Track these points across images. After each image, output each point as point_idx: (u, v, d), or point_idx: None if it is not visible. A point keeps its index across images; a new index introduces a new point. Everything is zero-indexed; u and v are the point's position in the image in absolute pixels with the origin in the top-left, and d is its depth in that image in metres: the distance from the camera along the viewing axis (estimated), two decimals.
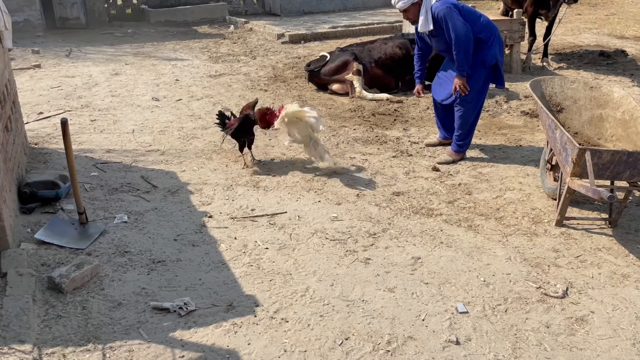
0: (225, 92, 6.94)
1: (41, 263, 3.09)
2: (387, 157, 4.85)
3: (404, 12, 4.54)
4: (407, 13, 4.53)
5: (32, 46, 9.40)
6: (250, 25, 11.70)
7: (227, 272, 3.15)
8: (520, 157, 4.80)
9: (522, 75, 7.45)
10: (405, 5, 4.46)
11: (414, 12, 4.49)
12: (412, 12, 4.50)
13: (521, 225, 3.67)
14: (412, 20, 4.57)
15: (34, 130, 5.37)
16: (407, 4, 4.44)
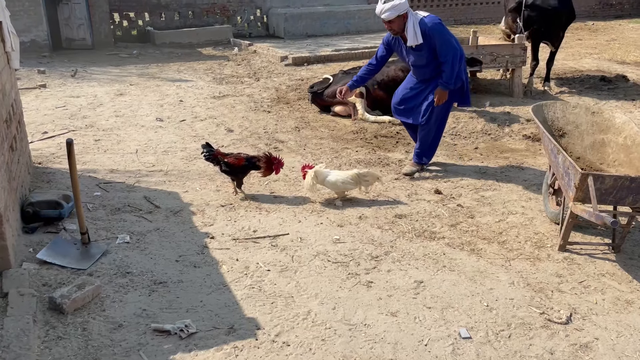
0: (228, 113, 6.99)
1: (42, 283, 3.08)
2: (390, 180, 4.86)
3: (389, 23, 4.52)
4: (392, 24, 4.52)
5: (38, 66, 9.51)
6: (254, 48, 11.84)
7: (228, 294, 3.13)
8: (523, 181, 4.81)
9: (524, 99, 7.50)
10: (391, 17, 4.44)
11: (399, 24, 4.51)
12: (397, 24, 4.51)
13: (524, 249, 3.66)
14: (396, 32, 4.58)
15: (38, 150, 5.40)
16: (393, 15, 4.44)
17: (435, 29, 4.46)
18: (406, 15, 4.47)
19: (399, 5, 4.39)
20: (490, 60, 7.27)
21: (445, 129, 6.15)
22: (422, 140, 4.90)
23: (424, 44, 4.50)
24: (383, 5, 4.43)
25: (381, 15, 4.46)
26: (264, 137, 6.06)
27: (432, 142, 4.90)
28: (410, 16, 4.47)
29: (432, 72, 4.71)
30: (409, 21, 4.46)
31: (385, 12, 4.43)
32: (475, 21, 16.88)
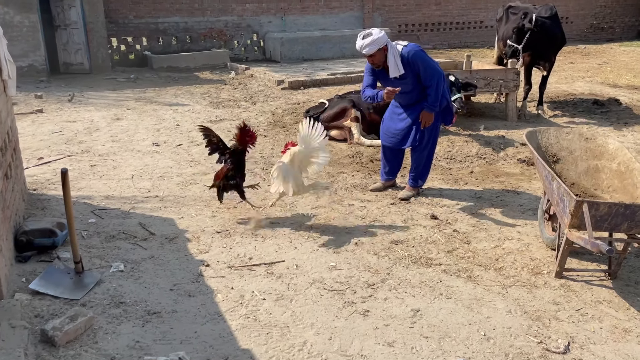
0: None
1: (35, 314, 3.04)
2: (386, 204, 4.86)
3: (370, 57, 4.62)
4: (373, 58, 4.61)
5: (36, 91, 9.55)
6: (251, 72, 11.95)
7: (223, 324, 3.10)
8: (518, 206, 4.82)
9: (518, 123, 7.57)
10: (372, 51, 4.53)
11: (380, 57, 4.60)
12: (378, 57, 4.60)
13: (521, 276, 3.64)
14: (377, 65, 4.67)
15: (33, 176, 5.39)
16: (373, 50, 4.52)
17: (417, 56, 4.58)
18: (386, 48, 4.58)
19: (378, 39, 4.49)
20: (484, 84, 7.35)
21: (441, 153, 6.20)
22: (416, 164, 4.96)
23: (407, 72, 4.61)
24: (363, 41, 4.53)
25: (362, 50, 4.56)
26: (260, 161, 6.07)
27: (425, 164, 4.97)
28: (390, 48, 4.58)
29: (417, 96, 4.79)
30: (390, 53, 4.57)
31: (365, 47, 4.52)
32: (469, 45, 17.10)
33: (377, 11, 16.20)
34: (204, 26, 14.30)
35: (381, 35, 4.51)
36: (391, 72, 4.61)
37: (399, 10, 16.58)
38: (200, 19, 14.25)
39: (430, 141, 4.89)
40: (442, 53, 15.02)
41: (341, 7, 15.64)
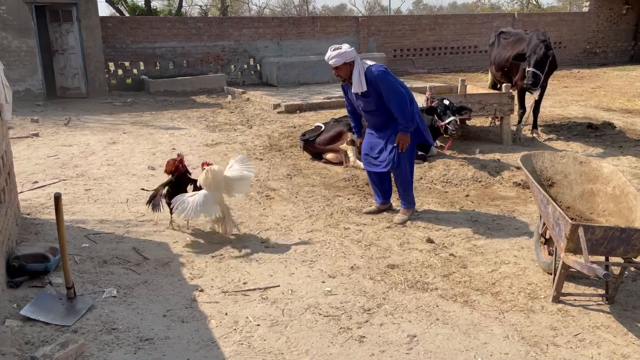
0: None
1: (25, 341, 2.98)
2: (382, 228, 4.84)
3: (336, 69, 4.74)
4: (339, 70, 4.73)
5: (32, 115, 9.58)
6: (248, 96, 12.04)
7: (216, 351, 3.05)
8: (514, 229, 4.81)
9: (513, 147, 7.60)
10: (338, 63, 4.66)
11: (345, 70, 4.71)
12: (343, 71, 4.71)
13: (517, 301, 3.61)
14: (342, 78, 4.79)
15: (27, 200, 5.36)
16: (339, 62, 4.65)
17: (380, 76, 4.68)
18: (352, 64, 4.69)
19: (345, 53, 4.63)
20: (478, 108, 7.41)
21: (436, 176, 6.21)
22: (402, 186, 5.02)
23: (370, 91, 4.72)
24: (331, 52, 4.68)
25: (329, 61, 4.70)
26: (255, 184, 6.06)
27: (407, 185, 5.04)
28: (357, 65, 4.69)
29: (383, 118, 4.87)
30: (355, 69, 4.68)
31: (332, 58, 4.66)
32: (464, 69, 17.31)
33: (373, 36, 16.42)
34: (201, 51, 14.45)
35: (350, 50, 4.66)
36: (354, 88, 4.73)
37: (394, 36, 16.82)
38: (197, 44, 14.41)
39: (408, 161, 4.97)
40: (437, 77, 15.19)
41: (337, 32, 15.86)
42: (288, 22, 15.84)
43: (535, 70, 7.36)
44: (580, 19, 19.81)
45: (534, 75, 7.36)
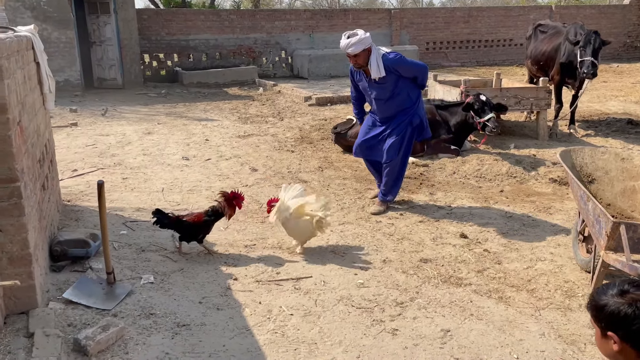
0: (253, 152, 7.08)
1: (68, 323, 3.09)
2: (414, 222, 4.82)
3: (354, 57, 4.65)
4: (357, 58, 4.65)
5: (71, 105, 9.83)
6: (279, 88, 12.09)
7: (251, 338, 3.10)
8: (551, 226, 4.71)
9: (550, 142, 7.45)
10: (357, 50, 4.57)
11: (364, 57, 4.64)
12: (362, 58, 4.64)
13: (554, 298, 3.55)
14: (360, 65, 4.71)
15: (67, 187, 5.52)
16: (359, 49, 4.57)
17: (398, 60, 4.68)
18: (370, 50, 4.63)
19: (364, 39, 4.56)
20: (514, 102, 7.27)
21: (470, 171, 6.14)
22: (387, 178, 5.01)
23: (387, 77, 4.68)
24: (348, 40, 4.58)
25: (347, 49, 4.60)
26: (287, 176, 6.10)
27: (396, 179, 5.03)
28: (374, 50, 4.64)
29: (395, 107, 4.85)
30: (373, 55, 4.63)
31: (351, 46, 4.56)
32: (498, 63, 16.98)
33: (405, 29, 16.25)
34: (233, 43, 14.56)
35: (366, 36, 4.59)
36: (373, 73, 4.67)
37: (427, 28, 16.60)
38: (230, 37, 14.52)
39: (403, 157, 4.97)
40: (470, 71, 14.95)
41: (369, 24, 15.75)
42: (320, 14, 15.81)
43: (594, 60, 7.12)
44: (620, 12, 19.19)
45: (592, 64, 7.11)
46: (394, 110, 4.86)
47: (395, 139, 4.87)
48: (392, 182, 5.01)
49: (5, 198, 2.94)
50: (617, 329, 1.45)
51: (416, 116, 4.89)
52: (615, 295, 1.49)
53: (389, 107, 4.85)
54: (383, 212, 4.99)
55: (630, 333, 1.43)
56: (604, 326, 1.49)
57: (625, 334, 1.44)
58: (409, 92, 4.83)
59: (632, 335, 1.43)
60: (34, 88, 3.96)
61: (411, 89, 4.84)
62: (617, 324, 1.45)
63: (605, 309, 1.47)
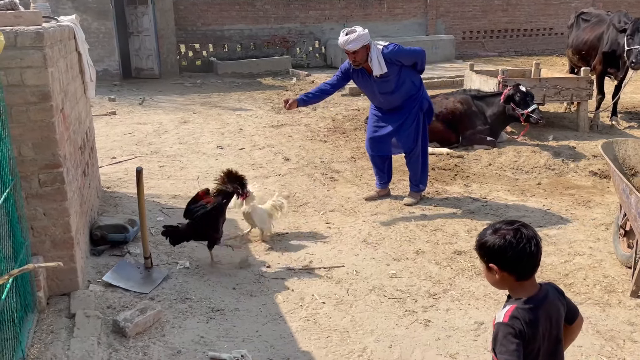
0: (286, 142, 7.11)
1: (107, 305, 3.19)
2: (448, 214, 4.76)
3: (353, 54, 4.57)
4: (356, 55, 4.56)
5: (109, 94, 10.06)
6: (312, 78, 12.07)
7: (283, 325, 3.13)
8: (590, 220, 4.59)
9: (590, 134, 7.23)
10: (356, 47, 4.48)
11: (362, 54, 4.56)
12: (360, 55, 4.55)
13: (592, 294, 3.47)
14: (358, 62, 4.62)
15: (106, 174, 5.67)
16: (357, 46, 4.48)
17: (397, 51, 4.61)
18: (369, 46, 4.56)
19: (363, 35, 4.49)
20: (554, 93, 7.07)
21: (506, 163, 6.02)
22: (413, 169, 4.98)
23: (389, 70, 4.61)
24: (347, 37, 4.50)
25: (346, 46, 4.52)
26: (320, 166, 6.11)
27: (422, 166, 4.99)
28: (373, 47, 4.57)
29: (402, 96, 4.78)
30: (372, 52, 4.55)
31: (349, 42, 4.48)
32: (537, 52, 16.52)
33: (441, 18, 15.97)
34: (267, 33, 14.60)
35: (365, 32, 4.52)
36: (375, 71, 4.59)
37: (464, 17, 16.26)
38: (264, 27, 14.56)
39: (420, 146, 4.92)
40: (507, 61, 14.61)
41: (404, 13, 15.53)
42: (355, 3, 15.67)
43: None
44: None
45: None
46: (401, 100, 4.81)
47: (410, 129, 4.83)
48: (420, 171, 4.98)
49: (48, 183, 3.05)
50: (495, 260, 1.75)
51: (425, 101, 4.85)
52: (491, 233, 1.77)
53: (395, 98, 4.80)
54: (417, 203, 4.96)
55: (504, 261, 1.73)
56: (486, 260, 1.78)
57: (502, 263, 1.74)
58: (412, 79, 4.77)
59: (507, 263, 1.74)
60: (76, 77, 4.07)
61: (413, 75, 4.78)
62: (494, 255, 1.75)
63: (485, 245, 1.76)
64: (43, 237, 3.11)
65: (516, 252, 1.72)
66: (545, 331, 1.75)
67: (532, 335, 1.70)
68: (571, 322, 1.88)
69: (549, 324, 1.76)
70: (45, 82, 2.92)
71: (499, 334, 1.70)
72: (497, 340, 1.70)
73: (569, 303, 1.89)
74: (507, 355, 1.66)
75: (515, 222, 1.78)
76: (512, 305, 1.74)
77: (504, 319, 1.71)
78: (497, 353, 1.69)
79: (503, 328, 1.70)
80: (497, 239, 1.73)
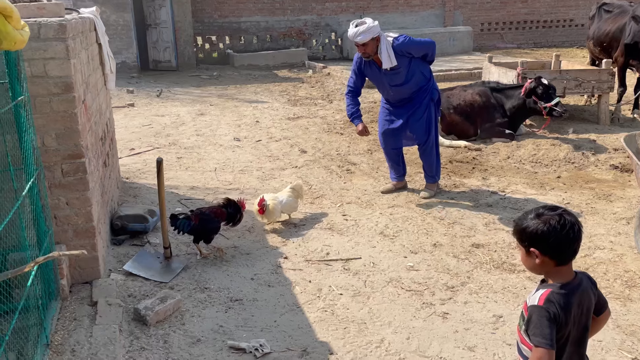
0: (302, 134, 7.12)
1: (128, 294, 3.24)
2: (465, 207, 4.73)
3: (363, 46, 4.53)
4: (366, 47, 4.52)
5: (127, 86, 10.15)
6: (328, 70, 12.04)
7: (301, 315, 3.15)
8: (611, 214, 4.53)
9: (611, 127, 7.12)
10: (365, 39, 4.45)
11: (372, 47, 4.52)
12: (370, 47, 4.52)
13: (613, 288, 3.43)
14: (368, 55, 4.57)
15: (125, 165, 5.73)
16: (367, 38, 4.44)
17: (409, 43, 4.58)
18: (379, 38, 4.51)
19: (373, 28, 4.44)
20: (574, 85, 6.97)
21: (525, 156, 5.96)
22: (428, 160, 4.97)
23: (399, 62, 4.57)
24: (356, 29, 4.45)
25: (355, 38, 4.48)
26: (336, 158, 6.11)
27: (436, 158, 4.98)
28: (383, 39, 4.52)
29: (412, 88, 4.74)
30: (382, 44, 4.51)
31: (359, 34, 4.44)
32: (557, 44, 16.27)
33: (459, 9, 15.79)
34: (283, 25, 14.58)
35: (375, 24, 4.47)
36: (384, 64, 4.56)
37: (482, 8, 16.07)
38: (281, 19, 14.54)
39: (433, 137, 4.90)
40: (527, 53, 14.42)
41: (421, 5, 15.40)
42: None
43: None
44: None
45: None
46: (410, 92, 4.78)
47: (422, 120, 4.81)
48: (434, 162, 4.96)
49: (71, 173, 3.09)
50: (537, 245, 1.75)
51: (435, 91, 4.83)
52: (533, 217, 1.76)
53: (405, 90, 4.77)
54: (434, 195, 4.94)
55: (547, 246, 1.73)
56: (527, 245, 1.78)
57: (543, 248, 1.74)
58: (421, 70, 4.73)
59: (549, 248, 1.73)
60: (97, 68, 4.11)
61: (423, 66, 4.75)
62: (537, 240, 1.74)
63: (526, 230, 1.76)
64: (66, 226, 3.16)
65: (559, 238, 1.72)
66: (577, 318, 1.77)
67: (565, 320, 1.73)
68: (599, 314, 1.88)
69: (580, 311, 1.78)
70: (68, 73, 2.96)
71: (533, 316, 1.72)
72: (531, 322, 1.72)
73: (599, 295, 1.88)
74: (541, 337, 1.69)
75: (558, 208, 1.78)
76: (547, 289, 1.75)
77: (539, 302, 1.73)
78: (531, 335, 1.71)
79: (538, 311, 1.71)
80: (541, 224, 1.73)
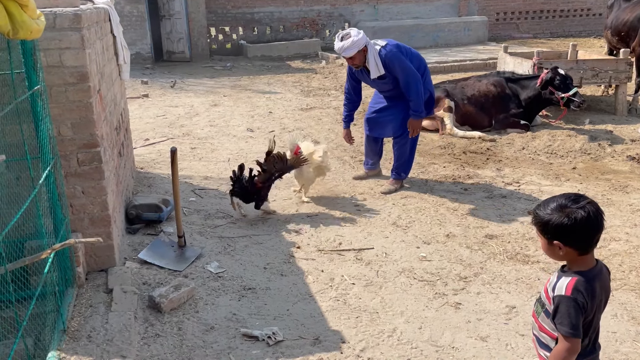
0: (315, 125, 7.11)
1: (143, 282, 3.28)
2: (479, 198, 4.71)
3: (350, 59, 4.50)
4: (354, 60, 4.49)
5: (142, 77, 10.20)
6: (341, 61, 11.98)
7: (313, 304, 3.17)
8: (627, 206, 4.47)
9: (628, 118, 7.01)
10: (352, 53, 4.41)
11: (360, 58, 4.49)
12: (358, 59, 4.49)
13: (628, 280, 3.39)
14: (357, 65, 4.55)
15: (140, 155, 5.78)
16: (353, 52, 4.41)
17: (394, 58, 4.48)
18: (366, 49, 4.46)
19: (358, 41, 4.38)
20: (591, 75, 6.87)
21: (540, 147, 5.90)
22: (398, 156, 4.90)
23: (386, 73, 4.53)
24: (342, 44, 4.40)
25: (342, 53, 4.46)
26: (349, 149, 6.10)
27: (408, 156, 4.92)
28: (370, 49, 4.47)
29: (400, 94, 4.69)
30: (369, 54, 4.47)
31: (345, 49, 4.40)
32: (574, 34, 16.03)
33: None
34: (297, 16, 14.53)
35: (360, 36, 4.40)
36: (372, 74, 4.53)
37: None
38: (294, 9, 14.49)
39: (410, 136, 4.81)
40: (543, 43, 14.22)
41: None
42: None
43: None
44: None
45: None
46: (400, 95, 4.70)
47: (404, 114, 4.73)
48: (404, 158, 4.88)
49: (87, 162, 3.13)
50: (560, 237, 1.76)
51: (426, 90, 4.73)
52: (556, 210, 1.76)
53: (395, 95, 4.74)
54: (395, 191, 4.84)
55: (570, 239, 1.75)
56: (549, 237, 1.79)
57: (567, 240, 1.75)
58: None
59: (572, 240, 1.75)
60: (111, 59, 4.14)
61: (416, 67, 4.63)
62: (560, 233, 1.75)
63: (550, 224, 1.76)
64: (82, 214, 3.20)
65: (584, 230, 1.73)
66: (600, 303, 1.81)
67: (591, 307, 1.77)
68: None
69: (603, 297, 1.82)
70: (83, 63, 2.99)
71: (561, 306, 1.75)
72: (558, 312, 1.75)
73: None
74: (569, 327, 1.73)
75: (580, 199, 1.76)
76: (573, 278, 1.77)
77: (567, 292, 1.75)
78: (558, 324, 1.75)
79: (567, 301, 1.74)
80: (565, 219, 1.73)
